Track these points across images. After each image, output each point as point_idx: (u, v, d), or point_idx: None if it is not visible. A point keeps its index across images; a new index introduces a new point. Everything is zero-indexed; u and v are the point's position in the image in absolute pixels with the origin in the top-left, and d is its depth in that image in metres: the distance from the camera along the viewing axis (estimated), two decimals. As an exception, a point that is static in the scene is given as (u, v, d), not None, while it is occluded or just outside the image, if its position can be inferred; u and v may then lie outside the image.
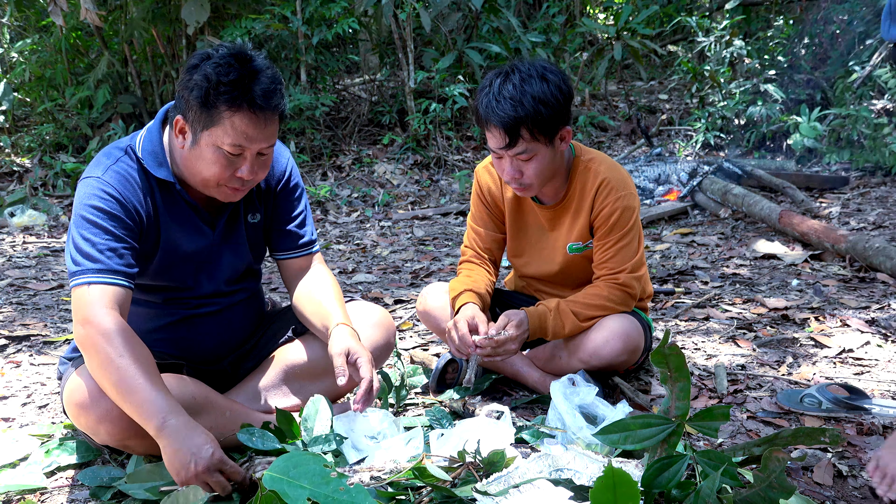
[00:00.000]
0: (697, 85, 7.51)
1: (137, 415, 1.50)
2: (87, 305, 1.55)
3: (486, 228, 2.27)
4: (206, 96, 1.56)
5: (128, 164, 1.69)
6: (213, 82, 1.55)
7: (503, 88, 1.88)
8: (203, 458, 1.43)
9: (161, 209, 1.72)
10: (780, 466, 1.29)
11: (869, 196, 5.39)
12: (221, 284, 1.86)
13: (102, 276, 1.58)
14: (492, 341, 1.94)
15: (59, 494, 1.66)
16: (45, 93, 7.61)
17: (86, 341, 1.54)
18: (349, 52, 8.69)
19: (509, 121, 1.86)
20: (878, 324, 2.71)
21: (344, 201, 6.42)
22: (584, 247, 2.14)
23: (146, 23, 6.97)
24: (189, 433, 1.45)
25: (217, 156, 1.61)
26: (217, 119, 1.58)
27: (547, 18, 8.00)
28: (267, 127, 1.62)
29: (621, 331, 2.03)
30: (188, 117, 1.62)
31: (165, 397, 1.50)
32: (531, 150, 1.91)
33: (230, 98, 1.55)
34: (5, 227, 5.79)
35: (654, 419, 1.47)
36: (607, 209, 2.05)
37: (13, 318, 3.22)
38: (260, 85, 1.58)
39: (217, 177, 1.64)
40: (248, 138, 1.60)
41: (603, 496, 1.22)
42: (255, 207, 1.88)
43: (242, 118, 1.57)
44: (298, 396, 1.93)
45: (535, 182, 1.98)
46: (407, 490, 1.49)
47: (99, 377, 1.54)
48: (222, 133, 1.58)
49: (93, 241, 1.60)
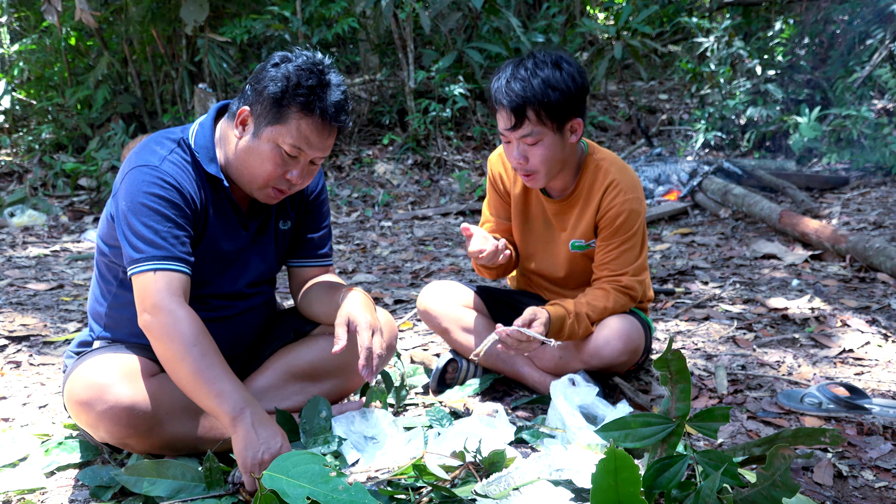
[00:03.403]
0: (697, 85, 7.51)
1: (214, 404, 1.52)
2: (155, 293, 1.56)
3: (497, 216, 2.29)
4: (283, 94, 1.61)
5: (182, 156, 1.71)
6: (292, 83, 1.61)
7: (516, 71, 1.91)
8: (272, 449, 1.47)
9: (210, 204, 1.74)
10: (785, 464, 1.28)
11: (869, 196, 5.39)
12: (243, 287, 1.86)
13: (167, 262, 1.59)
14: (521, 335, 1.87)
15: (59, 494, 1.66)
16: (45, 93, 7.61)
17: (157, 329, 1.55)
18: (349, 53, 8.69)
19: (516, 100, 1.88)
20: (878, 324, 2.71)
21: (344, 201, 6.42)
22: (587, 245, 2.14)
23: (145, 23, 6.97)
24: (264, 425, 1.50)
25: (274, 153, 1.65)
26: (286, 118, 1.62)
27: (547, 18, 8.00)
28: (329, 138, 1.67)
29: (622, 331, 2.03)
30: (255, 110, 1.65)
31: (242, 388, 1.55)
32: (537, 134, 1.92)
33: (305, 102, 1.61)
34: (5, 227, 5.79)
35: (655, 418, 1.47)
36: (614, 210, 2.05)
37: (13, 318, 3.22)
38: (333, 97, 1.64)
39: (269, 175, 1.67)
40: (309, 144, 1.65)
41: (604, 480, 1.22)
42: (287, 214, 1.91)
43: (310, 123, 1.63)
44: (299, 397, 1.93)
45: (541, 170, 1.97)
46: (407, 490, 1.49)
47: (172, 367, 1.56)
48: (286, 132, 1.63)
49: (155, 229, 1.60)
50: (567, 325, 1.99)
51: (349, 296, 1.77)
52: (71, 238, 5.51)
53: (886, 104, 6.51)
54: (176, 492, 1.52)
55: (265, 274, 1.92)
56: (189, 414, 1.67)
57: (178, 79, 7.40)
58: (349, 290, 1.81)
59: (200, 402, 1.55)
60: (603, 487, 1.23)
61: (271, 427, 1.51)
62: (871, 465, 1.68)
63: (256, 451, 1.46)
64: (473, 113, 7.54)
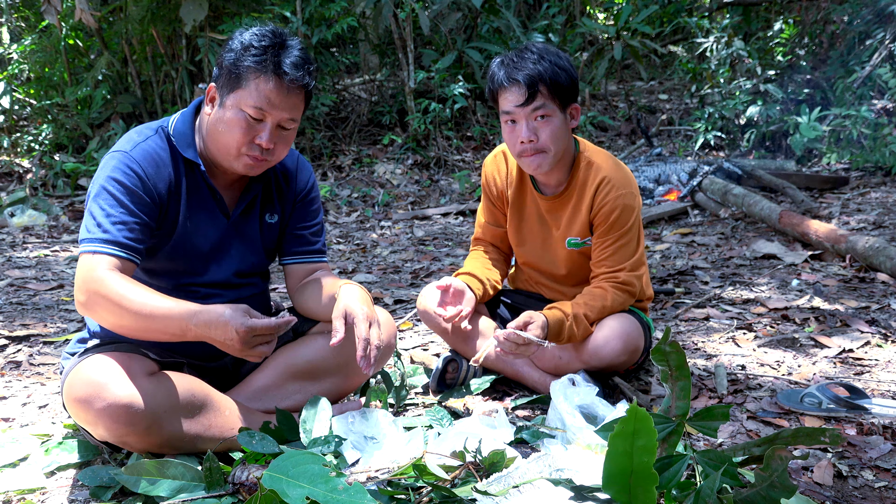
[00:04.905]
0: (697, 85, 7.51)
1: (166, 329, 1.58)
2: (89, 270, 1.62)
3: (487, 221, 2.34)
4: (238, 59, 1.66)
5: (157, 143, 1.75)
6: (245, 45, 1.67)
7: (523, 54, 2.00)
8: (236, 320, 1.53)
9: (184, 190, 1.77)
10: (782, 465, 1.28)
11: (869, 196, 5.39)
12: (231, 275, 1.88)
13: (109, 246, 1.64)
14: (518, 338, 1.89)
15: (59, 494, 1.66)
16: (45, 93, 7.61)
17: (90, 299, 1.60)
18: (349, 53, 8.69)
19: (532, 74, 1.95)
20: (878, 324, 2.71)
21: (344, 201, 6.42)
22: (582, 243, 2.15)
23: (144, 22, 6.97)
24: (213, 316, 1.55)
25: (239, 119, 1.67)
26: (244, 81, 1.66)
27: (547, 18, 8.00)
28: (290, 96, 1.69)
29: (621, 331, 2.04)
30: (219, 82, 1.71)
31: (181, 303, 1.59)
32: (548, 109, 1.97)
33: (258, 61, 1.65)
34: (5, 227, 5.79)
35: (655, 418, 1.47)
36: (607, 207, 2.06)
37: (13, 318, 3.22)
38: (289, 57, 1.67)
39: (238, 141, 1.69)
40: (270, 103, 1.66)
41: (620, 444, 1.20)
42: (273, 208, 1.93)
43: (267, 82, 1.65)
44: (298, 396, 1.93)
45: (551, 147, 2.00)
46: (407, 490, 1.49)
47: (115, 322, 1.61)
48: (247, 95, 1.66)
49: (107, 213, 1.65)
50: (566, 328, 2.00)
51: (346, 289, 1.79)
52: (71, 238, 5.51)
53: (886, 104, 6.51)
54: (176, 492, 1.51)
55: (255, 265, 1.93)
56: (188, 412, 1.67)
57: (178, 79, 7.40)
58: (345, 283, 1.83)
59: (158, 335, 1.61)
60: (619, 452, 1.20)
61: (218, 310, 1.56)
62: (871, 465, 1.68)
63: (231, 335, 1.53)
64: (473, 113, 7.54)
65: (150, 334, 1.62)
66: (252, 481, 1.50)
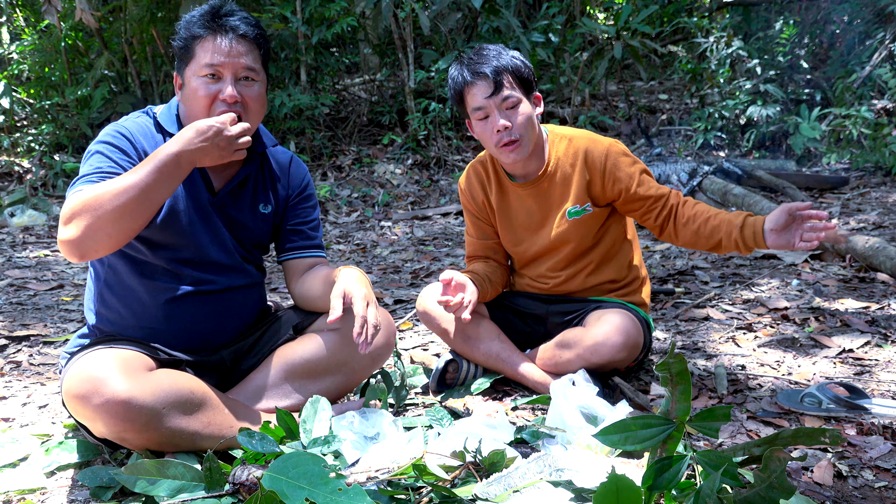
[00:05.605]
0: (697, 85, 7.51)
1: (145, 183, 1.60)
2: (67, 201, 1.65)
3: (477, 237, 2.38)
4: (183, 37, 1.77)
5: (145, 121, 1.86)
6: (186, 23, 1.78)
7: (481, 52, 2.11)
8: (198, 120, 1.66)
9: None
10: (780, 466, 1.28)
11: (869, 196, 5.39)
12: (216, 256, 1.88)
13: (90, 178, 1.69)
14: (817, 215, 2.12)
15: (59, 494, 1.66)
16: (45, 92, 7.61)
17: (72, 221, 1.60)
18: (349, 53, 8.69)
19: (496, 66, 2.06)
20: (878, 324, 2.71)
21: (344, 201, 6.43)
22: (583, 210, 2.20)
23: (144, 22, 6.97)
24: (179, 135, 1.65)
25: (199, 84, 1.75)
26: (192, 51, 1.76)
27: (547, 18, 8.00)
28: (236, 46, 1.75)
29: (621, 327, 2.05)
30: (179, 67, 1.81)
31: (146, 159, 1.64)
32: (515, 97, 2.07)
33: (200, 26, 1.75)
34: (5, 227, 5.79)
35: (655, 419, 1.47)
36: (609, 167, 2.15)
37: (13, 318, 3.22)
38: (231, 18, 1.76)
39: (204, 103, 1.75)
40: (217, 58, 1.74)
41: (606, 501, 1.22)
42: (267, 199, 1.97)
43: (212, 41, 1.74)
44: (298, 395, 1.93)
45: (525, 133, 2.09)
46: (407, 490, 1.49)
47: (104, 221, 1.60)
48: (197, 61, 1.75)
49: (96, 166, 1.72)
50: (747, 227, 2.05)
51: (345, 272, 1.83)
52: (71, 238, 5.50)
53: (886, 104, 6.51)
54: (176, 492, 1.51)
55: (246, 252, 1.95)
56: (186, 409, 1.67)
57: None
58: (344, 267, 1.87)
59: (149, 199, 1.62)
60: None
61: None
62: (871, 465, 1.68)
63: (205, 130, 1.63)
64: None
65: (143, 206, 1.62)
66: (252, 481, 1.50)
